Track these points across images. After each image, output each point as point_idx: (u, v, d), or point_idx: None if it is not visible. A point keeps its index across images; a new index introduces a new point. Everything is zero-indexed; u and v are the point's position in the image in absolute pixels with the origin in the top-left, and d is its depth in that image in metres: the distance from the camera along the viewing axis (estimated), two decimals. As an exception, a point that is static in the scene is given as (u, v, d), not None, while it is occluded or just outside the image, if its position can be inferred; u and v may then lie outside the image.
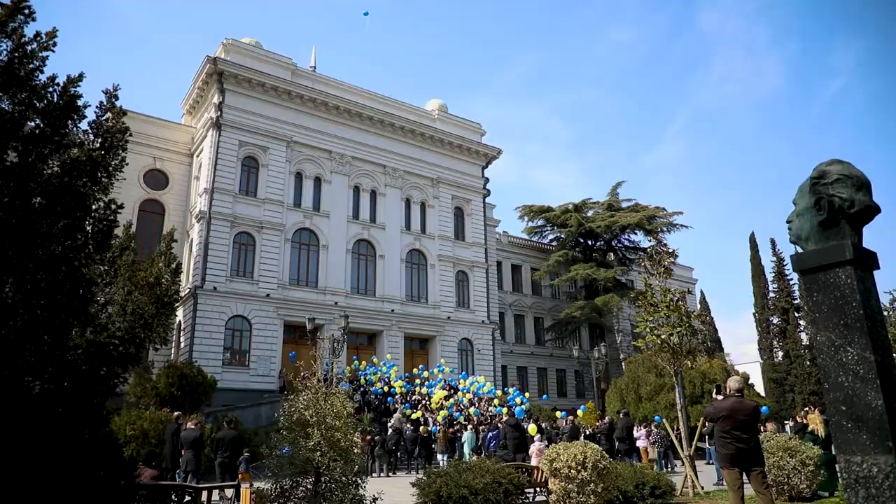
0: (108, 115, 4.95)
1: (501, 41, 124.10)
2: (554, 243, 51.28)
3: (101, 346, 4.85)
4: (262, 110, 32.84)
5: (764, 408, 24.00)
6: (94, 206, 4.77)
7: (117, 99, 5.04)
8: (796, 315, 52.10)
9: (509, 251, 49.59)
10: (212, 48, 32.60)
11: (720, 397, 7.26)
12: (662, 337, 10.08)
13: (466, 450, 18.54)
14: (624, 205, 50.16)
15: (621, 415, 16.18)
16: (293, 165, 33.54)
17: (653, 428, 18.17)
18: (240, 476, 9.60)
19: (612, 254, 50.76)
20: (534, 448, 12.59)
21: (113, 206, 4.98)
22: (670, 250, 10.26)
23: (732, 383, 6.84)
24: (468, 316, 37.99)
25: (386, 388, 28.02)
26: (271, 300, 30.52)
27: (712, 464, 14.78)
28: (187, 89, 34.86)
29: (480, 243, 40.12)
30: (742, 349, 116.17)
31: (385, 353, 33.54)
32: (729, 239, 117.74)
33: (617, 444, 15.26)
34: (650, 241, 49.40)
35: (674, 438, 10.59)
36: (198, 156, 33.66)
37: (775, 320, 53.49)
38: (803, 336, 51.88)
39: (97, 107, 4.88)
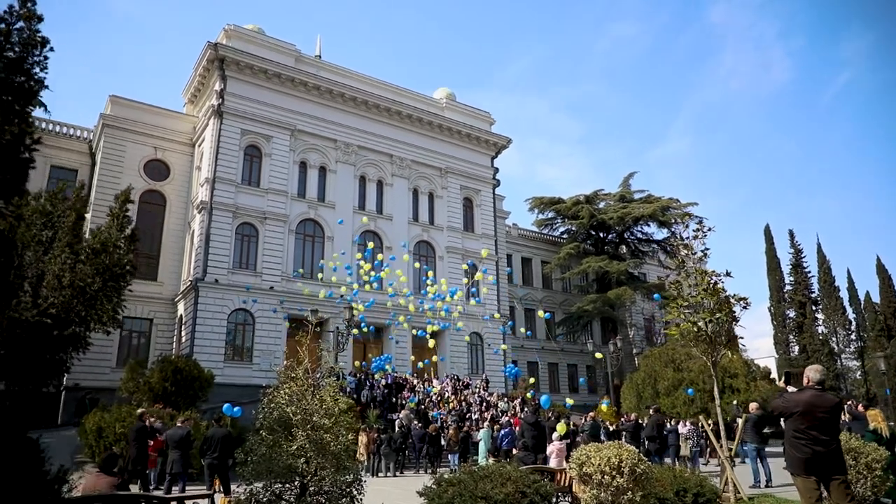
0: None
1: (505, 36, 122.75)
2: (564, 236, 50.16)
3: (28, 327, 3.83)
4: (265, 98, 31.86)
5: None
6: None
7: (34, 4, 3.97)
8: (814, 309, 50.68)
9: (519, 244, 48.46)
10: (215, 37, 31.59)
11: (792, 389, 6.12)
12: (699, 324, 8.96)
13: (482, 449, 17.46)
14: (636, 196, 48.96)
15: (651, 411, 15.00)
16: (297, 155, 32.55)
17: (688, 424, 17.01)
18: (214, 484, 8.63)
19: (624, 246, 49.56)
20: (553, 448, 11.56)
21: (29, 140, 3.90)
22: (707, 228, 9.15)
23: (812, 373, 5.70)
24: (478, 310, 36.87)
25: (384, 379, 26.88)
26: (275, 293, 29.55)
27: (745, 462, 13.66)
28: (189, 78, 33.93)
29: (490, 235, 39.02)
30: (755, 344, 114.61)
31: (393, 347, 32.56)
32: (740, 232, 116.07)
33: (647, 443, 14.10)
34: (663, 232, 48.29)
35: (711, 436, 9.54)
36: (199, 145, 32.73)
37: (791, 314, 52.04)
38: (821, 330, 50.53)
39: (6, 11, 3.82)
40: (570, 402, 26.08)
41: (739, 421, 11.79)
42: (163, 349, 28.94)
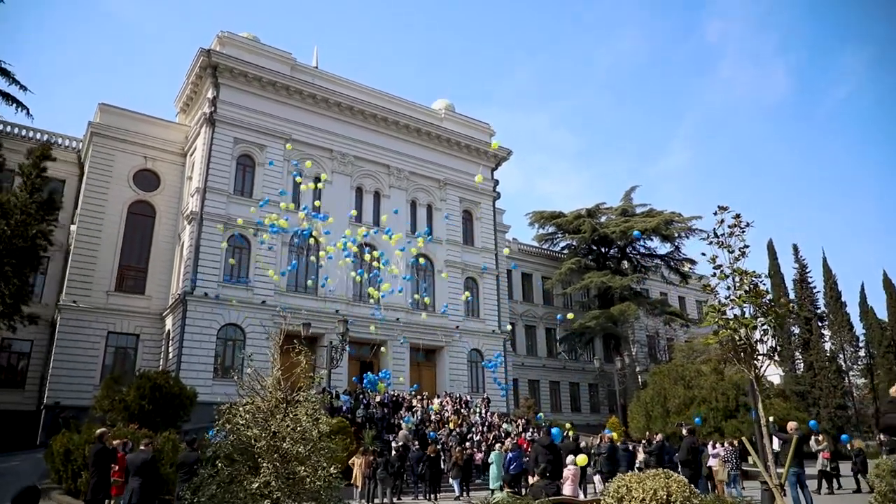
0: None
1: (504, 50, 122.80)
2: (565, 251, 49.13)
3: None
4: (259, 106, 30.95)
5: (812, 422, 21.66)
6: None
7: None
8: (819, 325, 49.48)
9: (519, 259, 47.35)
10: (209, 45, 30.72)
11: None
12: (742, 331, 7.85)
13: (493, 473, 16.12)
14: (638, 210, 48.05)
15: (684, 431, 13.67)
16: (292, 164, 31.51)
17: (725, 445, 15.70)
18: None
19: (626, 261, 48.53)
20: (568, 473, 10.39)
21: None
22: (746, 223, 8.09)
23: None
24: (478, 325, 35.74)
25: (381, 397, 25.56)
26: (267, 307, 28.34)
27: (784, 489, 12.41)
28: (181, 86, 33.02)
29: (490, 248, 37.93)
30: (758, 360, 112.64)
31: (390, 364, 31.28)
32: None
33: (680, 468, 12.75)
34: (666, 247, 47.26)
35: (757, 461, 8.42)
36: (191, 155, 31.73)
37: (796, 330, 50.76)
38: (827, 346, 49.29)
39: None
40: (568, 426, 24.75)
41: (774, 440, 10.65)
42: (150, 366, 27.63)
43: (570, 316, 26.99)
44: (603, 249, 48.06)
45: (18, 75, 24.51)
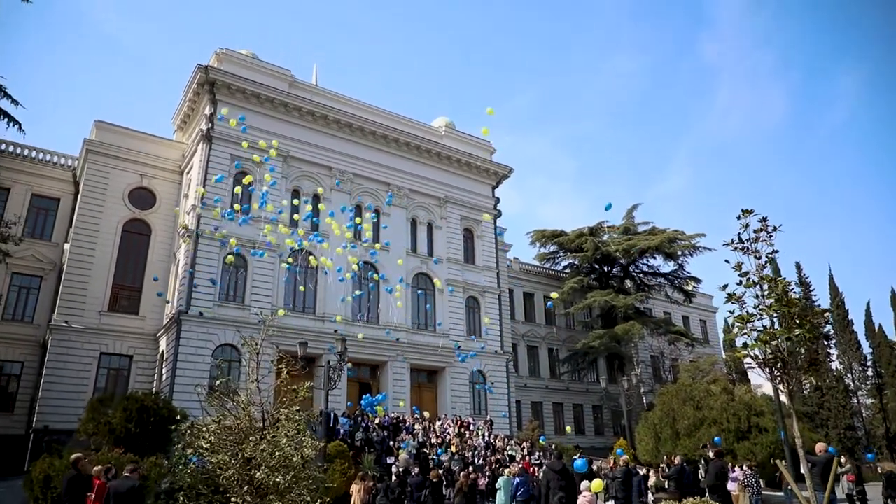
0: None
1: (502, 74, 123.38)
2: (567, 271, 48.54)
3: None
4: (257, 123, 30.42)
5: (830, 448, 20.82)
6: None
7: None
8: (826, 343, 48.62)
9: (521, 278, 46.74)
10: (207, 62, 30.41)
11: None
12: (774, 343, 7.21)
13: (501, 500, 15.26)
14: (640, 229, 47.56)
15: (711, 454, 12.81)
16: (290, 182, 31.08)
17: (745, 468, 14.84)
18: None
19: (629, 280, 47.90)
20: (583, 500, 9.66)
21: None
22: (773, 227, 7.47)
23: None
24: (480, 346, 34.93)
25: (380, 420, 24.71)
26: (264, 327, 27.54)
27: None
28: (178, 103, 32.64)
29: (492, 267, 37.28)
30: (760, 381, 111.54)
31: (390, 385, 30.50)
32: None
33: (708, 494, 11.86)
34: (670, 265, 46.68)
35: (793, 486, 7.72)
36: (188, 172, 31.25)
37: (802, 350, 49.81)
38: (835, 366, 48.43)
39: None
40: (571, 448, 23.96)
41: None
42: (143, 388, 26.81)
43: (553, 295, 26.33)
44: (605, 268, 47.48)
45: (11, 89, 23.95)
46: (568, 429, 34.75)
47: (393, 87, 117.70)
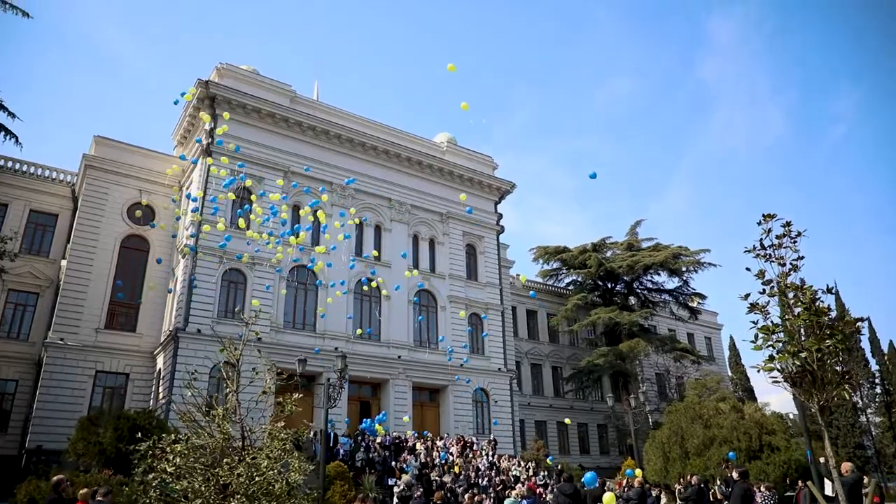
0: None
1: (503, 91, 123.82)
2: (570, 288, 48.01)
3: None
4: (258, 138, 30.29)
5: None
6: None
7: None
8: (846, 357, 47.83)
9: (524, 296, 46.16)
10: (208, 77, 30.23)
11: None
12: (803, 356, 6.74)
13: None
14: (644, 245, 47.17)
15: (736, 475, 12.20)
16: (290, 197, 30.66)
17: (762, 489, 14.21)
18: None
19: (633, 297, 47.38)
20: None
21: None
22: (797, 232, 7.05)
23: None
24: (483, 363, 34.35)
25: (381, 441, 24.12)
26: (263, 345, 27.04)
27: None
28: (178, 118, 32.41)
29: (495, 283, 36.78)
30: (766, 398, 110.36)
31: (391, 404, 29.87)
32: (746, 282, 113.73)
33: None
34: (674, 281, 46.17)
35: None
36: (187, 188, 30.93)
37: (834, 362, 48.97)
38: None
39: None
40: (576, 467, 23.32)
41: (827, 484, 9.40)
42: (140, 407, 26.24)
43: (522, 278, 25.86)
44: (609, 285, 46.99)
45: (9, 103, 23.71)
46: (567, 420, 33.75)
47: (394, 103, 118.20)
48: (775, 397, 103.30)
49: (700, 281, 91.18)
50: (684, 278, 45.11)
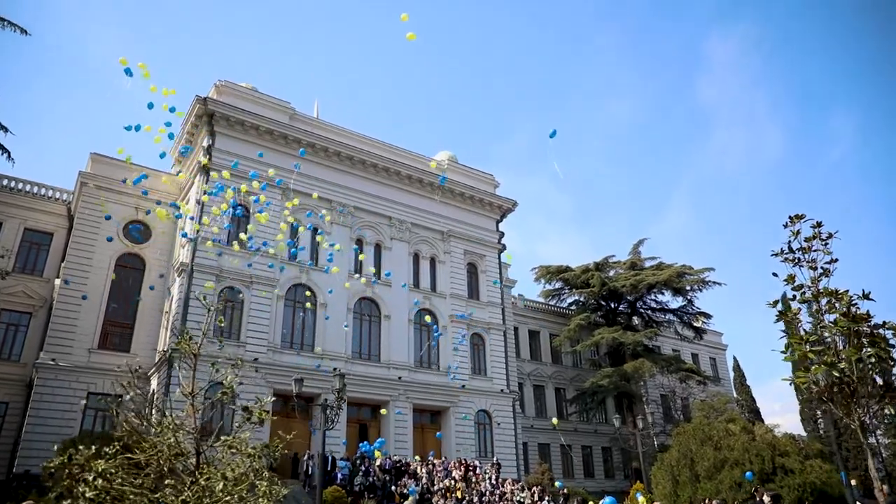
0: None
1: (502, 113, 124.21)
2: (573, 308, 47.33)
3: None
4: (256, 155, 29.85)
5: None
6: None
7: None
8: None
9: (526, 316, 45.53)
10: (206, 95, 29.95)
11: None
12: (841, 366, 6.18)
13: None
14: (647, 263, 46.59)
15: (767, 499, 11.47)
16: (289, 215, 30.18)
17: None
18: None
19: (636, 317, 46.68)
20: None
21: None
22: (828, 234, 6.54)
23: None
24: (485, 384, 33.59)
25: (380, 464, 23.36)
26: (259, 365, 26.41)
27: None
28: (176, 135, 32.07)
29: (497, 303, 36.16)
30: (773, 420, 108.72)
31: (391, 427, 29.07)
32: (752, 302, 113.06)
33: None
34: (678, 300, 45.54)
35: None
36: (185, 205, 30.44)
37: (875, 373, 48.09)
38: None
39: None
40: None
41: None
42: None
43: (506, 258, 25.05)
44: (612, 304, 46.31)
45: (2, 118, 23.37)
46: (555, 420, 32.56)
47: (394, 124, 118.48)
48: (781, 419, 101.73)
49: (704, 300, 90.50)
50: (689, 297, 44.47)
